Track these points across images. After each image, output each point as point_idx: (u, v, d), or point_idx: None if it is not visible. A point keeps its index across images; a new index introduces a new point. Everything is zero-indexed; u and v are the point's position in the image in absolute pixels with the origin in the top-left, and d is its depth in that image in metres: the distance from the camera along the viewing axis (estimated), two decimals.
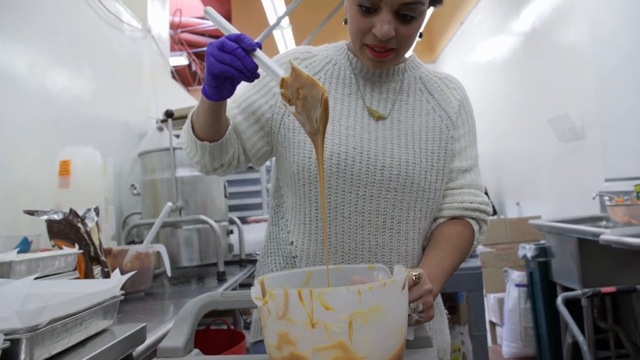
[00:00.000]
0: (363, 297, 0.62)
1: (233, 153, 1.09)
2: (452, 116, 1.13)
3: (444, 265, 1.00)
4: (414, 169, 1.05)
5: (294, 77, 0.85)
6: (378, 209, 1.04)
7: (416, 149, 1.07)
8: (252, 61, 0.87)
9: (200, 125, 1.03)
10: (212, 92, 0.93)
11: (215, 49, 0.88)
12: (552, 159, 3.97)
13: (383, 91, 1.11)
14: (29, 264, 1.25)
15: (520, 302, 3.46)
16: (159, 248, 1.77)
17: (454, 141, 1.12)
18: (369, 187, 1.04)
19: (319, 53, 1.16)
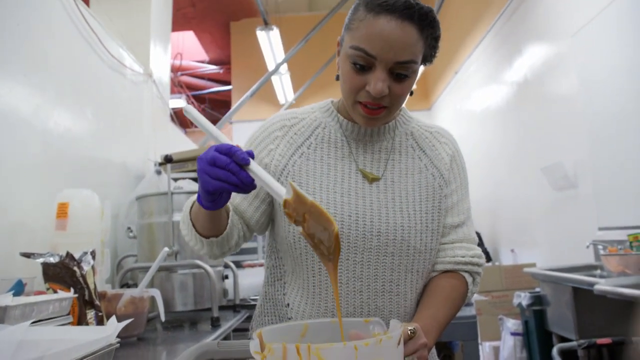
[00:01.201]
0: (359, 352, 0.63)
1: (238, 234, 1.09)
2: (444, 173, 1.13)
3: (439, 318, 1.01)
4: (409, 233, 1.05)
5: (296, 200, 0.83)
6: (376, 274, 1.05)
7: (410, 211, 1.07)
8: (247, 175, 0.85)
9: (202, 226, 1.03)
10: (208, 205, 0.92)
11: (207, 165, 0.85)
12: (546, 207, 4.00)
13: (375, 151, 1.11)
14: (23, 309, 1.25)
15: (515, 350, 3.42)
16: (153, 293, 1.76)
17: (446, 198, 1.13)
18: (366, 253, 1.04)
19: (306, 116, 1.15)
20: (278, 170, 1.09)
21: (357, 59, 0.97)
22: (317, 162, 1.10)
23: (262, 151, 1.12)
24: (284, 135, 1.12)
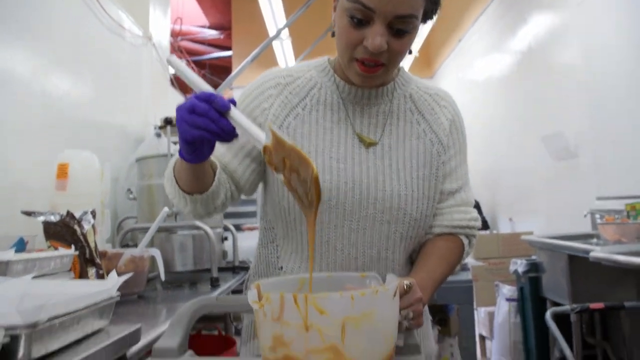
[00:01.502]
0: (356, 302, 0.64)
1: (225, 194, 1.04)
2: (443, 139, 1.10)
3: (434, 276, 1.02)
4: (406, 200, 1.04)
5: (276, 145, 0.79)
6: (372, 241, 1.04)
7: (407, 178, 1.05)
8: (227, 123, 0.81)
9: (185, 182, 0.99)
10: (190, 158, 0.89)
11: (186, 113, 0.82)
12: (546, 177, 4.01)
13: (372, 115, 1.08)
14: (25, 264, 1.26)
15: (510, 316, 3.48)
16: (153, 252, 1.78)
17: (444, 164, 1.10)
18: (362, 221, 1.03)
19: (301, 75, 1.10)
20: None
21: (355, 13, 0.92)
22: (312, 124, 1.06)
23: (255, 109, 1.08)
24: (278, 94, 1.08)
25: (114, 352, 0.98)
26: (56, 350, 0.87)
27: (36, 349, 0.80)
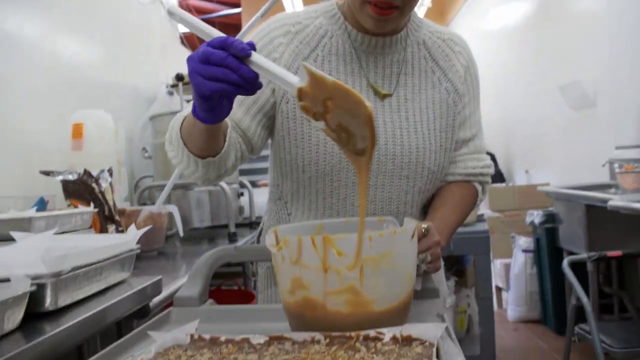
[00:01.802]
0: (374, 243, 0.64)
1: (235, 154, 0.98)
2: (459, 87, 1.07)
3: (449, 222, 1.02)
4: (424, 154, 1.01)
5: (314, 85, 0.68)
6: (390, 197, 1.03)
7: (425, 131, 1.02)
8: (249, 70, 0.70)
9: (197, 145, 0.90)
10: (206, 116, 0.78)
11: (200, 64, 0.71)
12: (563, 127, 3.95)
13: (387, 65, 1.03)
14: (47, 220, 1.29)
15: (526, 267, 3.50)
16: (171, 209, 1.80)
17: (459, 113, 1.08)
18: (380, 177, 1.01)
19: (310, 22, 1.04)
20: None
21: None
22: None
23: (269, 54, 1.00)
24: (288, 43, 1.01)
25: (137, 302, 1.00)
26: (81, 299, 0.90)
27: (62, 298, 0.83)
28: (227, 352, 0.63)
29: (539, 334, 3.41)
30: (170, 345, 0.68)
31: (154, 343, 0.67)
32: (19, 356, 0.65)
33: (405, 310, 0.71)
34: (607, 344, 1.91)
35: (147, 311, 1.07)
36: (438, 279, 1.14)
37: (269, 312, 0.88)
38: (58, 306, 0.82)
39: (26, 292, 0.73)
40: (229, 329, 0.71)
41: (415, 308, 0.79)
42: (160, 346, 0.66)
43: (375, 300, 0.66)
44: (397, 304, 0.68)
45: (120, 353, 0.74)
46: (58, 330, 0.74)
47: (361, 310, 0.66)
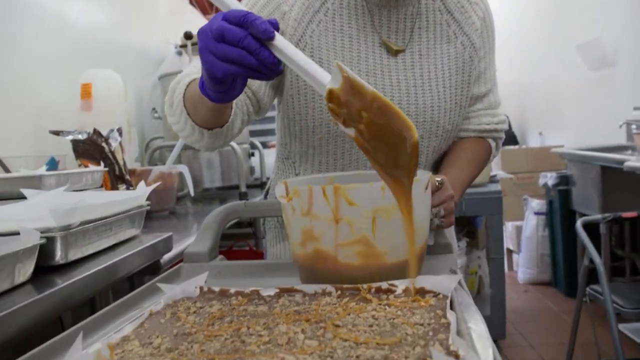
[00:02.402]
0: (387, 193, 0.62)
1: (242, 118, 0.93)
2: (475, 41, 1.02)
3: (463, 177, 0.99)
4: (439, 113, 0.98)
5: (348, 90, 0.59)
6: None
7: (440, 88, 0.98)
8: (270, 54, 0.61)
9: (203, 118, 0.85)
10: (217, 97, 0.71)
11: (213, 41, 0.62)
12: (579, 88, 3.86)
13: (400, 19, 0.98)
14: (58, 178, 1.28)
15: (538, 229, 3.48)
16: (181, 168, 1.80)
17: (475, 68, 1.03)
18: None
19: None
20: (293, 41, 0.93)
21: None
22: (336, 32, 0.96)
23: (272, 13, 0.95)
24: None
25: (147, 257, 1.00)
26: (92, 254, 0.89)
27: (72, 252, 0.82)
28: (236, 303, 0.63)
29: (549, 296, 3.42)
30: (180, 298, 0.67)
31: (164, 295, 0.67)
32: (31, 306, 0.65)
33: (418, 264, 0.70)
34: (618, 304, 1.91)
35: (158, 268, 1.07)
36: (450, 236, 1.13)
37: (279, 266, 0.87)
38: (68, 260, 0.81)
39: (36, 244, 0.73)
40: (238, 283, 0.70)
41: (428, 263, 0.78)
42: (170, 298, 0.66)
43: (387, 252, 0.64)
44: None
45: (131, 306, 0.74)
46: (69, 283, 0.74)
47: (373, 263, 0.64)
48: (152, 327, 0.56)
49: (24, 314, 0.64)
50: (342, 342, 0.48)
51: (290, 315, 0.56)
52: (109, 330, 0.63)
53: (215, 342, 0.50)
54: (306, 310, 0.58)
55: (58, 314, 0.71)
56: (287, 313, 0.57)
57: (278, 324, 0.54)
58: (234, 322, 0.56)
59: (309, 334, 0.51)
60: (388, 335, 0.49)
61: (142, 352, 0.49)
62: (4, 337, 0.60)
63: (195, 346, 0.50)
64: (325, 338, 0.50)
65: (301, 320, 0.54)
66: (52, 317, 0.69)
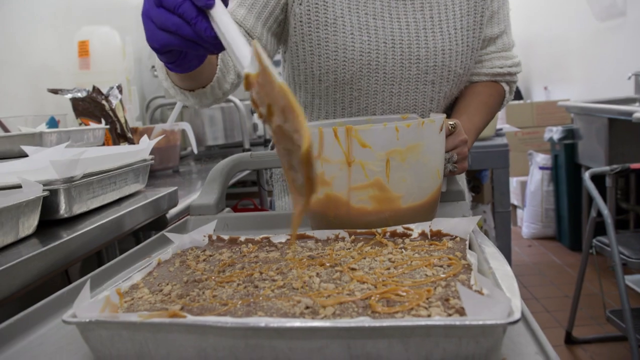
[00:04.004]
0: (401, 134, 0.60)
1: (236, 72, 0.89)
2: None
3: (475, 121, 0.96)
4: (450, 56, 0.94)
5: (262, 79, 0.47)
6: (415, 104, 0.96)
7: (451, 31, 0.94)
8: (208, 27, 0.53)
9: (181, 82, 0.80)
10: (172, 68, 0.63)
11: (153, 6, 0.55)
12: (586, 40, 3.76)
13: None
14: (59, 136, 1.25)
15: (543, 184, 3.46)
16: (184, 126, 1.76)
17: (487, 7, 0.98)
18: (404, 83, 0.94)
19: None
20: None
21: None
22: None
23: None
24: None
25: (153, 212, 0.98)
26: (97, 208, 0.87)
27: (77, 206, 0.80)
28: (247, 250, 0.61)
29: (553, 250, 3.42)
30: (189, 247, 0.65)
31: (172, 245, 0.65)
32: (36, 258, 0.63)
33: (432, 209, 0.68)
34: (625, 255, 1.90)
35: (164, 222, 1.05)
36: (462, 183, 1.10)
37: (289, 217, 0.85)
38: (73, 213, 0.79)
39: (39, 197, 0.71)
40: (247, 235, 0.68)
41: (440, 210, 0.76)
42: (178, 248, 0.64)
43: (401, 196, 0.62)
44: (424, 201, 0.65)
45: (138, 257, 0.72)
46: (74, 236, 0.72)
47: (387, 207, 0.62)
48: (162, 275, 0.54)
49: (30, 266, 0.62)
50: (360, 284, 0.46)
51: (303, 260, 0.54)
52: (116, 280, 0.61)
53: (227, 288, 0.49)
54: (320, 255, 0.56)
55: (64, 267, 0.70)
56: (300, 258, 0.55)
57: (292, 268, 0.52)
58: (245, 268, 0.54)
59: (324, 277, 0.49)
60: (407, 277, 0.47)
61: (152, 298, 0.47)
62: (10, 288, 0.59)
63: (207, 292, 0.48)
64: (341, 281, 0.48)
65: (315, 265, 0.52)
66: (57, 269, 0.68)
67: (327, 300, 0.42)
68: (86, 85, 1.75)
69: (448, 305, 0.40)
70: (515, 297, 0.39)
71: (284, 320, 0.38)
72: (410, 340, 0.36)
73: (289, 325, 0.36)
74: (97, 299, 0.43)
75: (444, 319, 0.37)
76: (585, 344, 2.21)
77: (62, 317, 0.41)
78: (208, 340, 0.38)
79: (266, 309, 0.42)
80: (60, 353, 0.46)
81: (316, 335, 0.37)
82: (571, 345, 2.21)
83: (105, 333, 0.40)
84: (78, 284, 0.59)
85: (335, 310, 0.40)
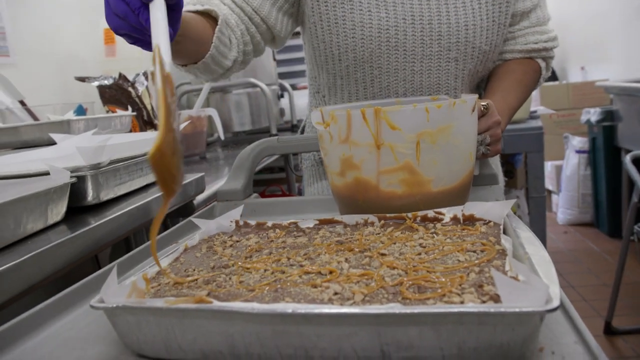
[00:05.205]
0: (431, 115, 0.58)
1: (237, 48, 0.88)
2: None
3: (510, 101, 0.92)
4: (474, 32, 0.91)
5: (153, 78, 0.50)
6: (438, 83, 0.94)
7: (475, 5, 0.91)
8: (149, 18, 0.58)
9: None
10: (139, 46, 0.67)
11: None
12: (627, 17, 3.63)
13: None
14: (86, 123, 1.27)
15: (579, 168, 3.37)
16: (210, 112, 1.77)
17: None
18: (426, 61, 0.92)
19: None
20: None
21: None
22: None
23: None
24: None
25: (180, 198, 0.99)
26: (124, 195, 0.88)
27: (104, 192, 0.81)
28: (274, 236, 0.60)
29: (591, 236, 3.34)
30: (215, 233, 0.66)
31: (199, 231, 0.65)
32: (65, 244, 0.64)
33: (464, 193, 0.66)
34: None
35: (191, 209, 1.06)
36: (495, 166, 1.08)
37: (317, 202, 0.85)
38: (101, 200, 0.80)
39: (67, 183, 0.72)
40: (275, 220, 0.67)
41: (473, 195, 0.74)
42: (205, 233, 0.65)
43: (432, 180, 0.61)
44: (456, 185, 0.63)
45: (166, 243, 0.73)
46: (102, 222, 0.73)
47: (417, 191, 0.61)
48: (188, 261, 0.55)
49: (59, 252, 0.63)
50: (390, 270, 0.45)
51: (332, 245, 0.54)
52: (144, 266, 0.62)
53: (254, 274, 0.48)
54: (349, 240, 0.55)
55: (92, 253, 0.71)
56: (328, 244, 0.54)
57: (320, 254, 0.51)
58: (272, 254, 0.54)
59: (353, 263, 0.48)
60: (438, 262, 0.46)
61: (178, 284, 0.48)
62: (41, 274, 0.60)
63: (233, 278, 0.48)
64: (371, 267, 0.47)
65: (344, 250, 0.52)
66: (86, 256, 0.69)
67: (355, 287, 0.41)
68: (113, 72, 1.77)
69: (482, 291, 0.39)
70: (553, 283, 0.38)
71: (311, 306, 0.37)
72: (443, 328, 0.35)
73: (317, 311, 0.36)
74: (124, 285, 0.43)
75: (477, 305, 0.36)
76: (626, 334, 2.16)
77: (90, 302, 0.42)
78: (235, 326, 0.38)
79: (293, 295, 0.41)
80: (89, 338, 0.47)
81: (345, 322, 0.36)
82: (611, 336, 2.16)
83: (132, 318, 0.40)
84: (106, 270, 0.60)
85: (364, 296, 0.40)
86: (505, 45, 0.99)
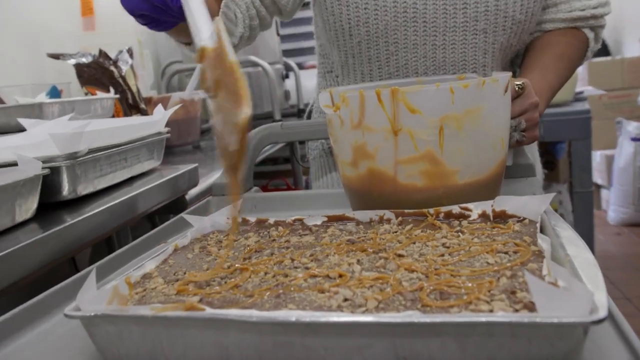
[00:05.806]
0: (457, 97, 0.58)
1: (244, 23, 0.93)
2: None
3: (550, 79, 0.92)
4: (506, 0, 0.91)
5: (216, 54, 0.58)
6: (464, 58, 0.94)
7: None
8: None
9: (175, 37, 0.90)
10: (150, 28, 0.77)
11: None
12: None
13: None
14: (61, 107, 1.28)
15: (635, 159, 3.35)
16: (205, 95, 1.78)
17: None
18: (449, 34, 0.92)
19: None
20: None
21: None
22: None
23: None
24: None
25: (170, 192, 1.00)
26: (105, 188, 0.89)
27: (82, 186, 0.82)
28: (277, 234, 0.61)
29: None
30: (210, 231, 0.66)
31: (191, 229, 0.66)
32: (36, 245, 0.65)
33: (494, 186, 0.66)
34: None
35: (183, 204, 1.07)
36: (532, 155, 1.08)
37: (326, 197, 0.86)
38: (78, 194, 0.81)
39: (38, 175, 0.72)
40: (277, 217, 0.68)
41: (506, 189, 0.74)
42: (198, 232, 0.65)
43: (457, 171, 0.61)
44: (485, 177, 0.64)
45: (154, 243, 0.74)
46: (79, 219, 0.74)
47: (440, 183, 0.61)
48: (178, 263, 0.55)
49: (29, 253, 0.64)
50: (408, 273, 0.46)
51: (342, 245, 0.54)
52: (127, 269, 0.63)
53: (253, 277, 0.49)
54: (361, 239, 0.56)
55: (68, 255, 0.72)
56: (338, 243, 0.55)
57: (328, 255, 0.52)
58: (274, 254, 0.54)
59: (366, 265, 0.49)
60: (464, 265, 0.47)
61: (166, 289, 0.48)
62: (8, 278, 0.61)
63: (229, 282, 0.48)
64: (386, 269, 0.47)
65: (356, 251, 0.52)
66: (61, 258, 0.70)
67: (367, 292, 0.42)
68: (92, 49, 1.79)
69: (515, 299, 0.39)
70: (599, 290, 0.37)
71: (318, 314, 0.38)
72: (469, 340, 0.35)
73: (324, 320, 0.36)
74: (104, 290, 0.44)
75: (509, 315, 0.36)
76: None
77: (64, 310, 0.42)
78: (230, 337, 0.39)
79: (298, 301, 0.42)
80: (65, 350, 0.48)
81: (356, 332, 0.37)
82: None
83: (112, 328, 0.41)
84: (84, 273, 0.61)
85: (379, 303, 0.40)
86: (545, 14, 0.98)
